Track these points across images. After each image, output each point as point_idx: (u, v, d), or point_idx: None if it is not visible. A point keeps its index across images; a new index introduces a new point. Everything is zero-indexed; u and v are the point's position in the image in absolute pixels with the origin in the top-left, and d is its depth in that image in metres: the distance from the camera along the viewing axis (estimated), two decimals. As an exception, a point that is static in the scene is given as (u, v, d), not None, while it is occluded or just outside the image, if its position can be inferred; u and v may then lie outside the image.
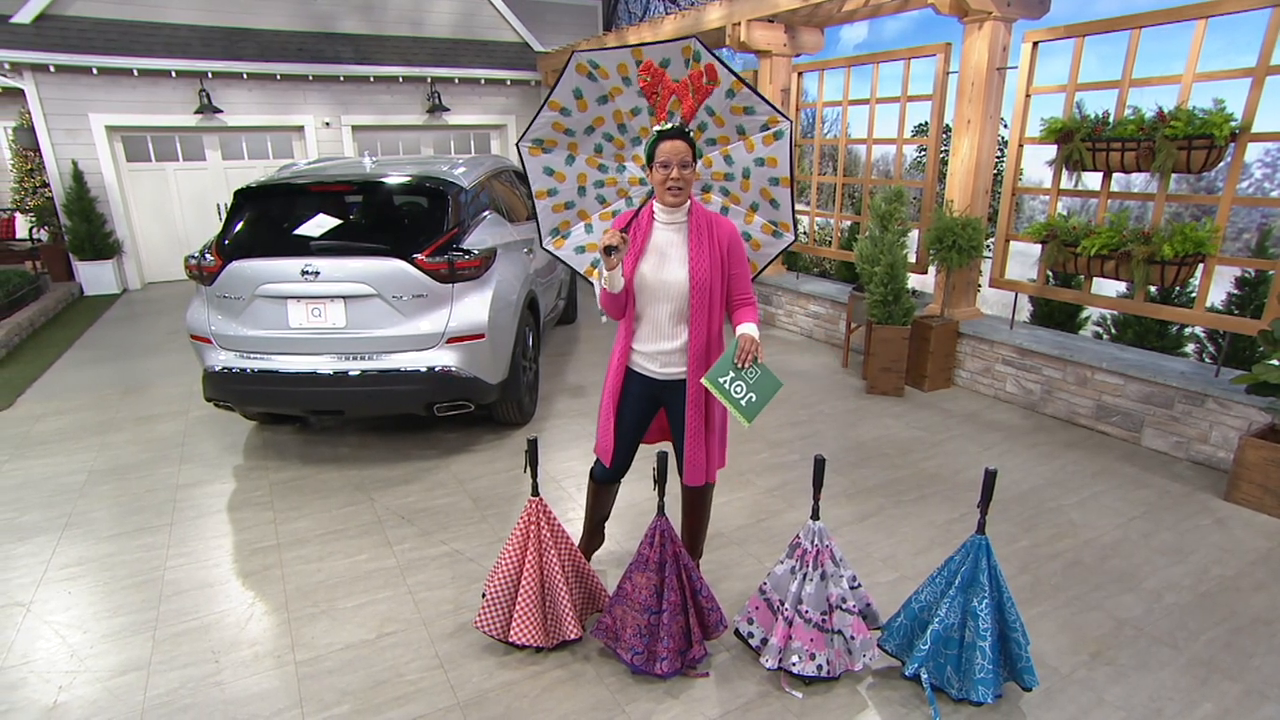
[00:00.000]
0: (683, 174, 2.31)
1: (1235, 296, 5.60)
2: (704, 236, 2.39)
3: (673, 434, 2.69)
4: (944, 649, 2.35)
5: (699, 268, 2.37)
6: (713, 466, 2.63)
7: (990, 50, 5.01)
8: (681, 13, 7.75)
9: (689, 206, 2.42)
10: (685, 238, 2.41)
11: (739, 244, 2.45)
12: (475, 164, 4.84)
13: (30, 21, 8.76)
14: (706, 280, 2.38)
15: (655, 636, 2.43)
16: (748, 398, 2.32)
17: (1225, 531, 3.44)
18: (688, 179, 2.33)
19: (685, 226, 2.42)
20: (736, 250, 2.44)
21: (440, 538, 3.43)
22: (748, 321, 2.45)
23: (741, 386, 2.31)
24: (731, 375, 2.31)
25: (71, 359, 6.57)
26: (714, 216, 2.45)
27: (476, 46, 11.54)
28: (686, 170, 2.32)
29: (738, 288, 2.46)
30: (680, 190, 2.34)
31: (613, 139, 2.78)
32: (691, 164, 2.33)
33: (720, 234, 2.41)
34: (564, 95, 2.65)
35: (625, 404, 2.62)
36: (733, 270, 2.44)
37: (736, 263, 2.44)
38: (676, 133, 2.32)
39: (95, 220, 9.34)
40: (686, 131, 2.35)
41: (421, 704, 2.41)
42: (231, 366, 4.02)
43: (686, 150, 2.31)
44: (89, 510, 3.75)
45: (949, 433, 4.61)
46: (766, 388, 2.34)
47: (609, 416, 2.62)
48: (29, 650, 2.70)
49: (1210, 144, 3.89)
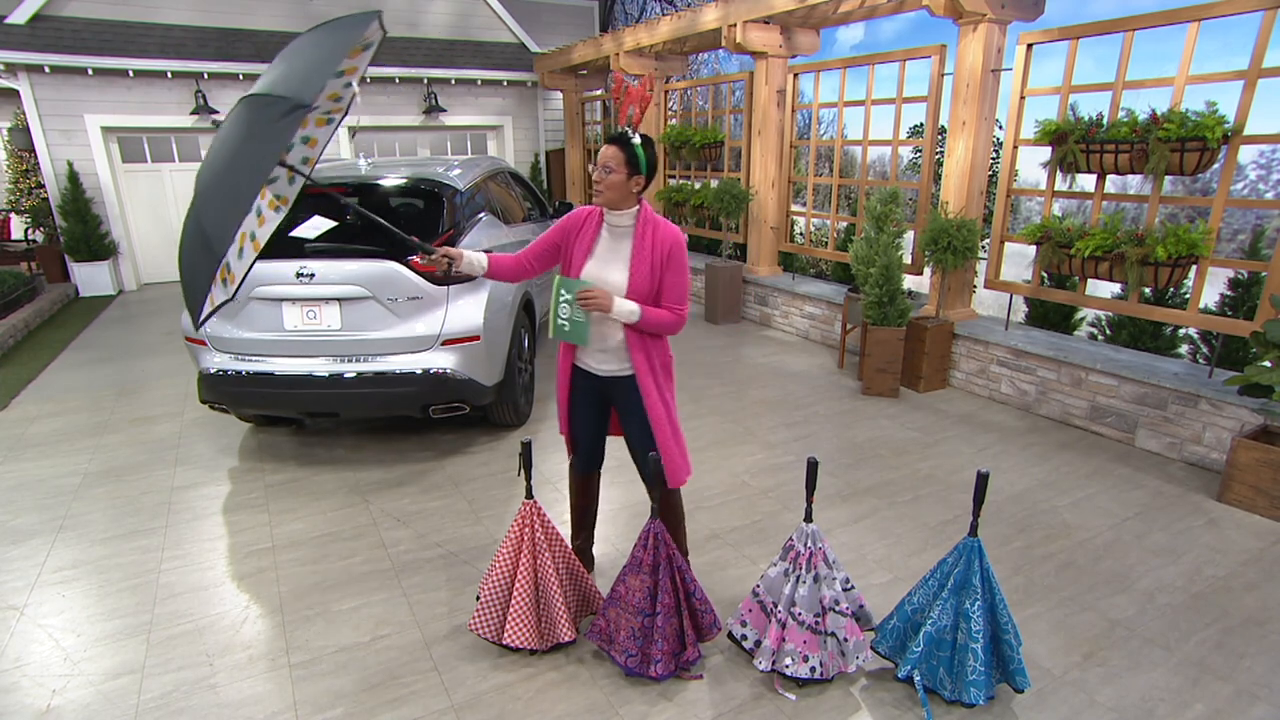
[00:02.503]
0: (604, 178, 2.41)
1: (1228, 298, 5.62)
2: (646, 241, 2.45)
3: (624, 431, 2.74)
4: (937, 651, 2.36)
5: (638, 272, 2.44)
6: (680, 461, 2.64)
7: (985, 52, 5.03)
8: (678, 14, 7.76)
9: (637, 212, 2.47)
10: (630, 242, 2.48)
11: (679, 251, 2.46)
12: (471, 165, 4.84)
13: (25, 22, 8.74)
14: (641, 283, 2.44)
15: (649, 639, 2.44)
16: (567, 321, 2.49)
17: (1218, 532, 3.45)
18: (610, 184, 2.40)
19: (631, 231, 2.48)
20: (674, 259, 2.45)
21: (435, 540, 3.43)
22: (644, 306, 2.46)
23: (567, 309, 2.47)
24: (571, 299, 2.46)
25: (67, 360, 6.56)
26: (659, 222, 2.48)
27: (473, 47, 11.54)
28: (610, 175, 2.39)
29: (668, 295, 2.48)
30: (601, 193, 2.44)
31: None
32: (617, 169, 2.39)
33: (661, 240, 2.45)
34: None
35: (575, 398, 2.72)
36: (665, 277, 2.46)
37: (671, 270, 2.46)
38: (613, 138, 2.42)
39: (91, 221, 9.32)
40: (625, 137, 2.41)
41: (416, 707, 2.41)
42: (227, 369, 4.02)
43: (615, 155, 2.39)
44: (83, 513, 3.75)
45: (944, 434, 4.62)
46: (578, 332, 2.50)
47: (562, 406, 2.76)
48: (22, 654, 2.69)
49: (1203, 146, 3.90)
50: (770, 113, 7.03)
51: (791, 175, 7.23)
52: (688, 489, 3.87)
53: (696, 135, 7.97)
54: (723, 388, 5.51)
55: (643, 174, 2.42)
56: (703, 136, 7.90)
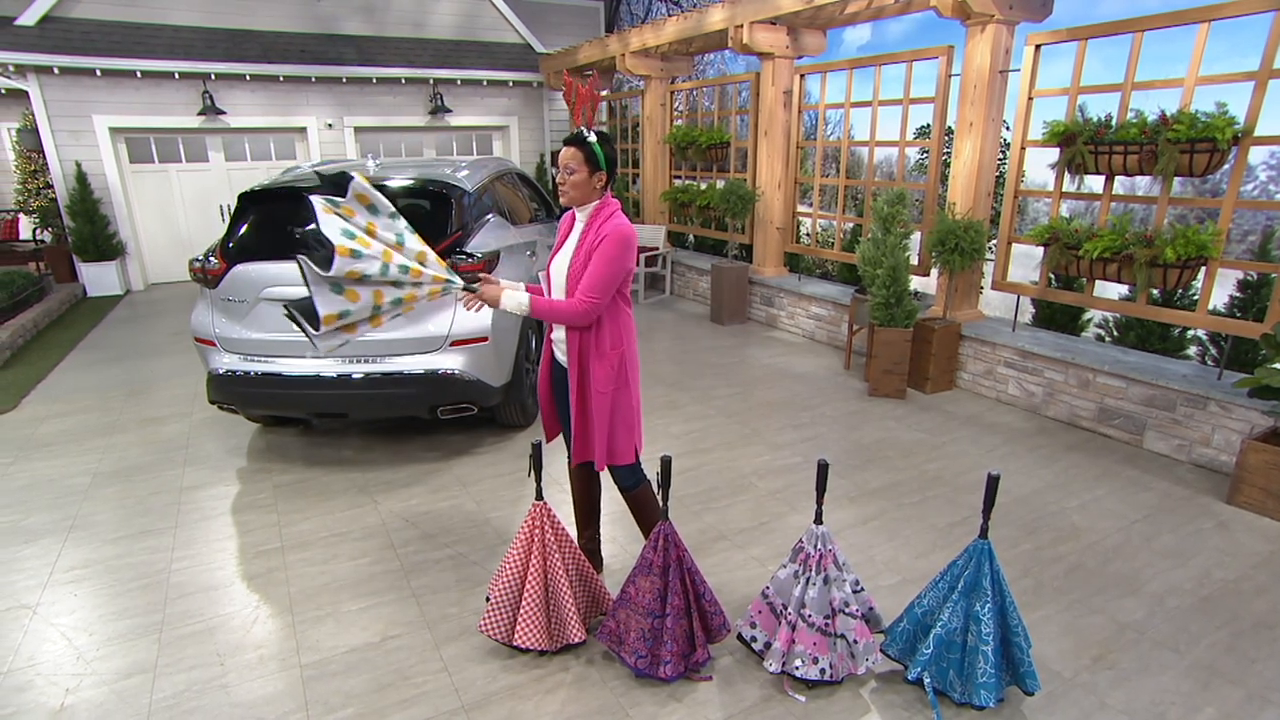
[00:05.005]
0: (568, 179, 2.46)
1: (1237, 299, 5.59)
2: (590, 233, 2.50)
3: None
4: (946, 653, 2.36)
5: (577, 259, 2.51)
6: (593, 450, 2.66)
7: (993, 53, 5.02)
8: (684, 14, 7.75)
9: (593, 208, 2.52)
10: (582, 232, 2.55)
11: (608, 242, 2.45)
12: (478, 166, 4.85)
13: (34, 24, 8.79)
14: (577, 272, 2.49)
15: (659, 640, 2.44)
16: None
17: (1227, 535, 3.44)
18: (574, 183, 2.47)
19: (586, 223, 2.55)
20: (603, 247, 2.45)
21: (443, 540, 3.44)
22: (535, 297, 2.50)
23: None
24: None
25: (75, 360, 6.60)
26: (611, 217, 2.50)
27: (479, 48, 11.56)
28: (572, 175, 2.46)
29: (584, 282, 2.47)
30: (567, 193, 2.49)
31: (407, 270, 2.50)
32: (580, 169, 2.44)
33: (601, 230, 2.48)
34: (340, 240, 2.38)
35: (556, 390, 2.79)
36: (588, 266, 2.48)
37: (597, 258, 2.46)
38: (569, 139, 2.48)
39: (99, 221, 9.37)
40: (582, 138, 2.46)
41: (426, 707, 2.42)
42: (236, 369, 4.03)
43: (573, 155, 2.45)
44: (94, 512, 3.77)
45: (951, 435, 4.62)
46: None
47: (543, 399, 2.84)
48: (35, 653, 2.71)
49: (1213, 147, 3.89)
50: (777, 113, 7.03)
51: (798, 176, 7.22)
52: (695, 490, 3.88)
53: (702, 136, 7.97)
54: (729, 389, 5.51)
55: (603, 169, 2.48)
56: (709, 137, 7.90)
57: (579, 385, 2.60)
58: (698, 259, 8.88)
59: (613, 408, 2.60)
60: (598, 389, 2.56)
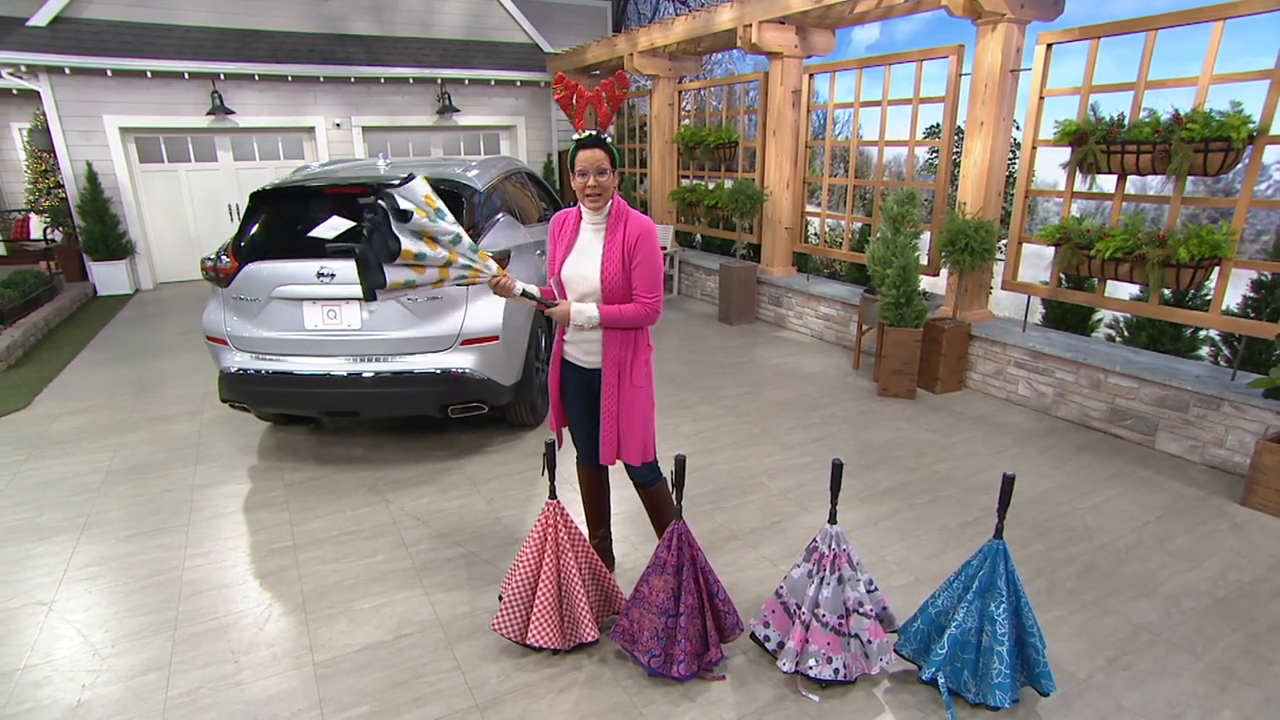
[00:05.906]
0: (599, 181, 2.42)
1: (1251, 299, 5.56)
2: (617, 234, 2.49)
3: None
4: (961, 653, 2.35)
5: (610, 263, 2.48)
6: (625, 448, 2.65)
7: (1004, 52, 5.00)
8: (692, 14, 7.75)
9: (609, 207, 2.51)
10: (603, 236, 2.52)
11: (645, 240, 2.48)
12: (488, 166, 4.85)
13: (46, 24, 8.85)
14: (614, 275, 2.48)
15: (672, 639, 2.44)
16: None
17: (1242, 536, 3.42)
18: (605, 185, 2.44)
19: (605, 225, 2.53)
20: (642, 247, 2.47)
21: (455, 539, 3.45)
22: (604, 308, 2.48)
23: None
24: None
25: (86, 359, 6.63)
26: (630, 214, 2.52)
27: (487, 47, 11.57)
28: (603, 177, 2.43)
29: (638, 285, 2.50)
30: (598, 196, 2.45)
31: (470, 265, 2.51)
32: (609, 170, 2.43)
33: (630, 230, 2.48)
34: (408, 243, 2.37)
35: (567, 393, 2.77)
36: (634, 265, 2.49)
37: (640, 260, 2.48)
38: (592, 141, 2.42)
39: (109, 221, 9.42)
40: (603, 139, 2.43)
41: (439, 705, 2.42)
42: (247, 368, 4.05)
43: (603, 157, 2.41)
44: (107, 510, 3.79)
45: (961, 435, 4.60)
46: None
47: (554, 401, 2.81)
48: (51, 649, 2.73)
49: (1227, 146, 3.86)
50: (785, 113, 7.02)
51: (806, 176, 7.21)
52: (706, 489, 3.87)
53: (710, 135, 7.97)
54: (738, 389, 5.50)
55: (618, 168, 2.50)
56: (717, 137, 7.89)
57: (616, 385, 2.58)
58: (706, 259, 8.87)
59: (645, 404, 2.63)
60: (636, 384, 2.58)
